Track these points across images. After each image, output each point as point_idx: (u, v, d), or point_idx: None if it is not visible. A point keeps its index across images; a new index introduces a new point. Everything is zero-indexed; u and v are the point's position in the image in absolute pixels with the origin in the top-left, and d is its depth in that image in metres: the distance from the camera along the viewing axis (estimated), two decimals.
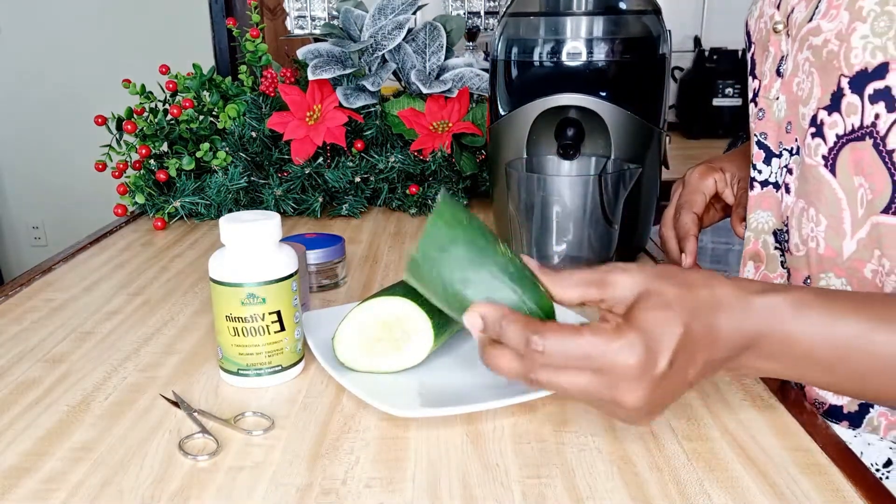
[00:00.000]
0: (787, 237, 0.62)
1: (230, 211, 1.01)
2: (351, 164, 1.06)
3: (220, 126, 1.10)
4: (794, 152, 0.60)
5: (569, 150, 0.77)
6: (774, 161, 0.63)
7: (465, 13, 1.89)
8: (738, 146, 0.80)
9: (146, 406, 0.54)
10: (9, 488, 0.44)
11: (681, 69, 2.38)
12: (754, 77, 0.66)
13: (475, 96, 1.13)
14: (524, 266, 0.45)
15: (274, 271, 0.54)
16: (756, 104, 0.65)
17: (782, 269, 0.65)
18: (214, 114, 1.12)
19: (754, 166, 0.66)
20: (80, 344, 0.65)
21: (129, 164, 1.08)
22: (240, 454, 0.47)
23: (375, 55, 1.11)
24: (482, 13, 1.91)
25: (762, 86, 0.64)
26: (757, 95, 0.65)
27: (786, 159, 0.61)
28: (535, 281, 0.45)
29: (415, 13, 1.11)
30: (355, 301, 0.70)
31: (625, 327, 0.40)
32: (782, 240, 0.64)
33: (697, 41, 2.40)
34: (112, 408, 0.53)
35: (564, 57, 0.77)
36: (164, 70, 1.12)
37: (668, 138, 0.85)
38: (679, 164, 0.83)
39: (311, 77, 1.05)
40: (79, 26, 2.72)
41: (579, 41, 0.77)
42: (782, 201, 0.62)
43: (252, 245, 0.54)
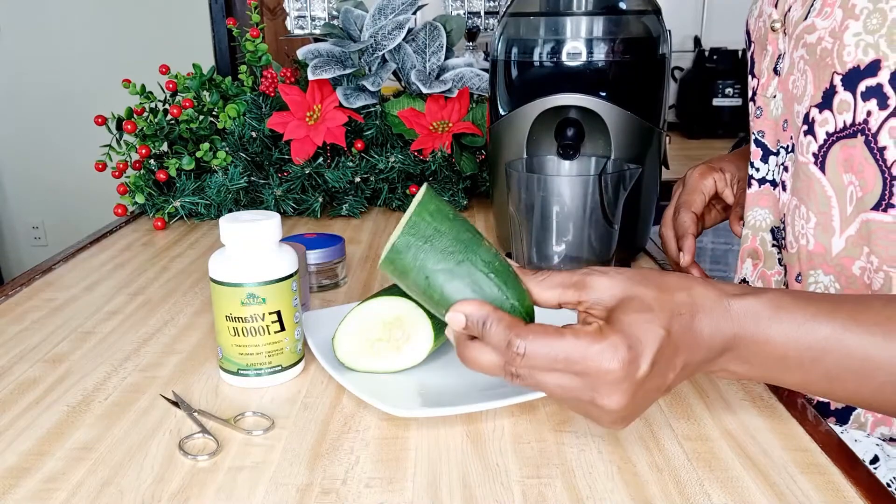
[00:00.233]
0: (784, 234, 0.62)
1: (230, 211, 1.01)
2: (351, 164, 1.06)
3: (220, 126, 1.11)
4: (790, 150, 0.60)
5: (569, 150, 0.77)
6: (772, 159, 0.64)
7: (465, 13, 1.90)
8: (742, 146, 0.80)
9: (146, 406, 0.54)
10: (9, 488, 0.44)
11: (681, 69, 2.38)
12: (753, 76, 0.66)
13: (475, 96, 1.13)
14: (507, 263, 0.45)
15: (274, 271, 0.54)
16: (755, 102, 0.66)
17: (779, 266, 0.66)
18: (214, 114, 1.12)
19: (752, 164, 0.66)
20: (80, 344, 0.65)
21: (129, 164, 1.08)
22: (240, 454, 0.47)
23: (375, 55, 1.11)
24: (482, 13, 1.91)
25: (760, 84, 0.64)
26: (755, 94, 0.65)
27: (783, 157, 0.62)
28: (517, 278, 0.45)
29: (415, 13, 1.11)
30: (355, 301, 0.71)
31: (607, 330, 0.40)
32: (779, 237, 0.64)
33: (697, 41, 2.40)
34: (112, 408, 0.54)
35: (564, 57, 0.77)
36: (164, 70, 1.12)
37: (668, 138, 0.85)
38: (679, 164, 0.84)
39: (311, 77, 1.05)
40: (79, 26, 2.72)
41: (579, 41, 0.77)
42: (780, 199, 0.63)
43: (252, 245, 0.54)
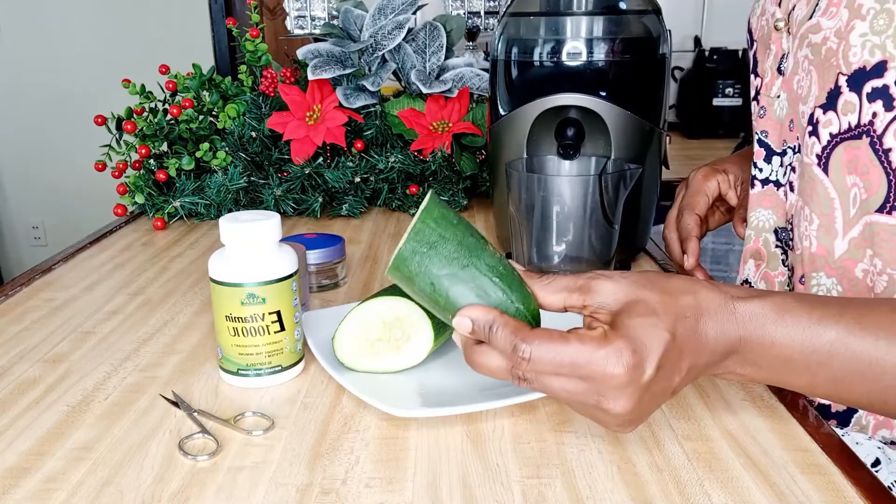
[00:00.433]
0: (791, 235, 0.62)
1: (230, 211, 1.01)
2: (351, 164, 1.06)
3: (219, 126, 1.10)
4: (797, 150, 0.60)
5: (569, 150, 0.77)
6: (776, 159, 0.63)
7: (465, 13, 1.89)
8: (745, 147, 0.80)
9: (146, 406, 0.54)
10: (9, 488, 0.44)
11: (681, 69, 2.38)
12: (756, 75, 0.66)
13: (475, 96, 1.13)
14: (512, 267, 0.46)
15: (274, 271, 0.54)
16: (758, 102, 0.65)
17: (783, 267, 0.65)
18: (214, 114, 1.12)
19: (755, 164, 0.66)
20: (80, 344, 0.65)
21: (128, 163, 1.08)
22: (240, 454, 0.47)
23: (375, 55, 1.11)
24: (482, 13, 1.91)
25: (763, 84, 0.64)
26: (759, 94, 0.65)
27: (790, 157, 0.61)
28: (523, 283, 0.45)
29: (415, 13, 1.11)
30: (355, 301, 0.70)
31: (612, 335, 0.40)
32: (785, 238, 0.64)
33: (697, 41, 2.40)
34: (112, 408, 0.53)
35: (564, 57, 0.77)
36: (164, 70, 1.12)
37: (668, 138, 0.84)
38: (679, 164, 0.84)
39: (311, 77, 1.05)
40: (79, 26, 2.72)
41: (579, 41, 0.77)
42: (786, 200, 0.62)
43: (252, 245, 0.54)
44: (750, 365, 0.43)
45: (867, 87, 0.50)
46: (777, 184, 0.64)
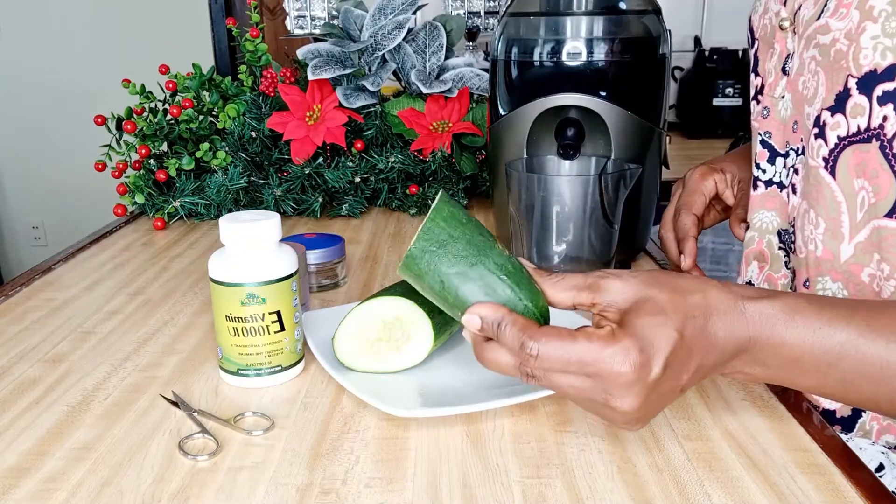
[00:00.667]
0: (792, 238, 0.62)
1: (230, 211, 1.01)
2: (351, 164, 1.06)
3: (219, 126, 1.10)
4: (800, 152, 0.59)
5: (569, 150, 0.77)
6: (779, 160, 0.63)
7: (465, 13, 1.89)
8: (740, 146, 0.80)
9: (146, 406, 0.54)
10: (9, 488, 0.44)
11: (681, 69, 2.38)
12: (756, 74, 0.65)
13: (475, 96, 1.13)
14: (522, 266, 0.46)
15: (274, 271, 0.54)
16: (758, 102, 0.65)
17: (786, 269, 0.65)
18: (214, 114, 1.12)
19: (758, 165, 0.65)
20: (80, 344, 0.65)
21: (128, 163, 1.07)
22: (240, 454, 0.47)
23: (375, 55, 1.11)
24: (482, 13, 1.91)
25: (767, 84, 0.63)
26: (760, 93, 0.64)
27: (792, 159, 0.61)
28: (531, 280, 0.46)
29: (415, 13, 1.11)
30: (355, 301, 0.70)
31: (619, 333, 0.41)
32: (787, 240, 0.63)
33: (697, 41, 2.40)
34: (112, 408, 0.53)
35: (564, 57, 0.77)
36: (164, 70, 1.12)
37: (668, 138, 0.84)
38: (679, 164, 0.83)
39: (310, 77, 1.05)
40: (79, 26, 2.72)
41: (579, 41, 0.77)
42: (789, 202, 0.62)
43: (252, 245, 0.54)
44: (759, 365, 0.43)
45: (878, 91, 0.50)
46: (780, 185, 0.63)
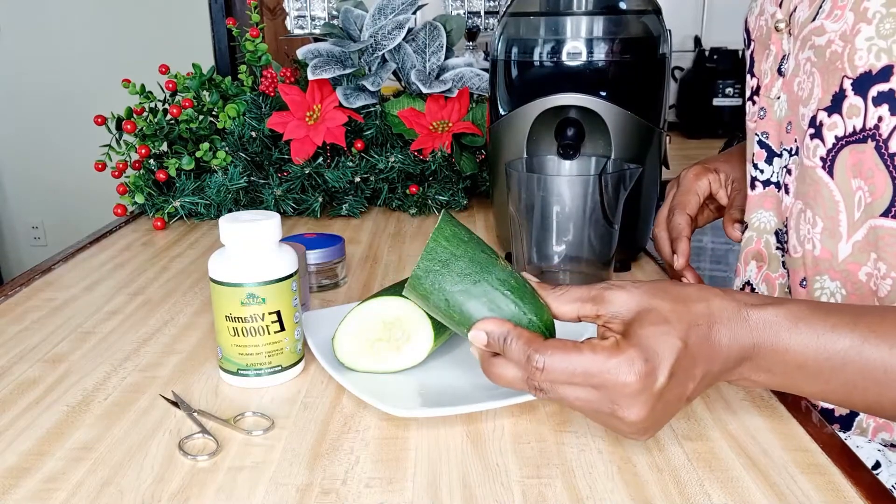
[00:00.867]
0: (787, 238, 0.62)
1: (230, 211, 1.01)
2: (351, 164, 1.06)
3: (219, 126, 1.10)
4: (794, 153, 0.60)
5: (569, 150, 0.77)
6: (776, 161, 0.63)
7: (465, 13, 1.90)
8: (733, 145, 0.80)
9: (146, 406, 0.54)
10: (9, 488, 0.44)
11: (681, 69, 2.38)
12: (752, 75, 0.66)
13: (475, 96, 1.13)
14: (525, 280, 0.47)
15: (274, 271, 0.54)
16: (754, 102, 0.65)
17: (783, 269, 0.65)
18: (214, 114, 1.12)
19: (756, 165, 0.65)
20: (80, 344, 0.65)
21: (128, 163, 1.08)
22: (240, 454, 0.47)
23: (375, 55, 1.11)
24: (482, 13, 1.91)
25: (763, 85, 0.64)
26: (756, 94, 0.65)
27: (786, 159, 0.61)
28: (535, 294, 0.46)
29: (415, 13, 1.11)
30: (355, 301, 0.70)
31: (623, 344, 0.41)
32: (783, 240, 0.64)
33: (697, 41, 2.40)
34: (112, 408, 0.53)
35: (564, 57, 0.77)
36: (164, 70, 1.12)
37: (668, 138, 0.84)
38: (679, 164, 0.84)
39: (310, 77, 1.05)
40: (79, 26, 2.72)
41: (579, 41, 0.77)
42: (783, 202, 0.62)
43: (252, 245, 0.54)
44: (763, 372, 0.43)
45: (873, 91, 0.50)
46: (777, 185, 0.64)
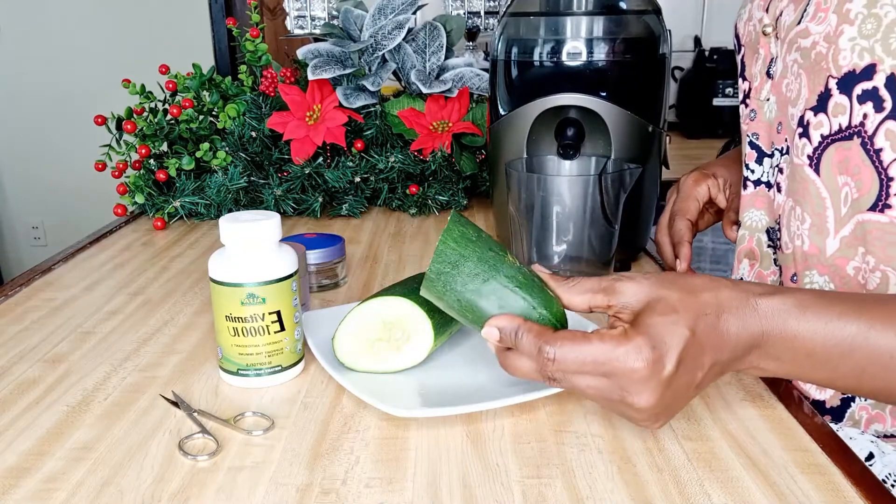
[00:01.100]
0: (778, 235, 0.63)
1: (230, 211, 1.01)
2: (351, 164, 1.06)
3: (219, 126, 1.10)
4: (784, 152, 0.61)
5: (569, 150, 0.77)
6: (766, 161, 0.64)
7: (465, 13, 1.90)
8: (730, 149, 0.81)
9: (146, 406, 0.54)
10: (9, 488, 0.44)
11: (681, 69, 2.38)
12: (744, 79, 0.67)
13: (475, 96, 1.13)
14: (533, 275, 0.48)
15: (274, 271, 0.54)
16: (747, 105, 0.66)
17: (775, 266, 0.66)
18: (214, 114, 1.12)
19: (747, 166, 0.67)
20: (80, 344, 0.65)
21: (128, 163, 1.08)
22: (240, 454, 0.47)
23: (375, 55, 1.11)
24: (482, 13, 1.91)
25: (753, 87, 0.65)
26: (748, 97, 0.66)
27: (777, 159, 0.63)
28: (543, 288, 0.47)
29: (415, 13, 1.11)
30: (355, 301, 0.71)
31: (631, 332, 0.42)
32: (774, 238, 0.65)
33: (697, 41, 2.40)
34: (112, 408, 0.53)
35: (564, 57, 0.77)
36: (164, 70, 1.12)
37: (668, 138, 0.85)
38: (679, 164, 0.84)
39: (311, 77, 1.05)
40: (78, 26, 2.72)
41: (579, 41, 0.77)
42: (774, 200, 0.64)
43: (252, 245, 0.54)
44: (772, 359, 0.44)
45: (857, 90, 0.51)
46: (768, 185, 0.65)
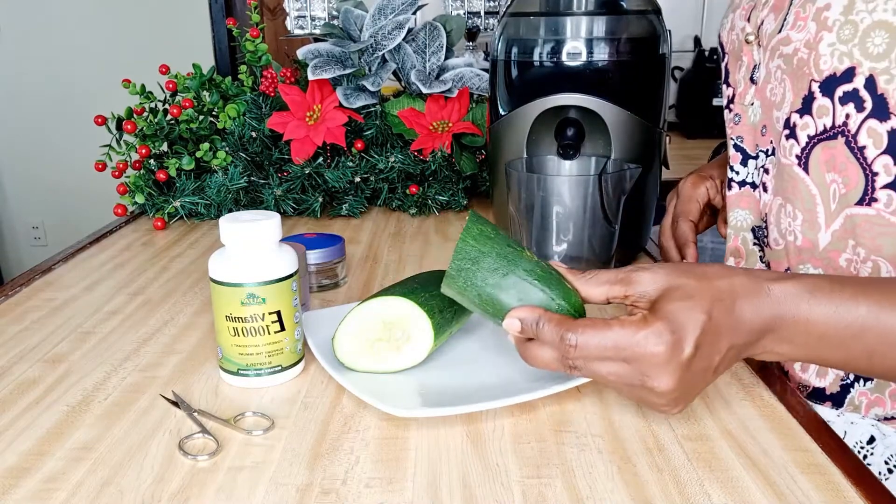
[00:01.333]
0: (766, 233, 0.65)
1: (230, 211, 1.01)
2: (351, 164, 1.06)
3: (219, 126, 1.10)
4: (770, 153, 0.63)
5: (569, 150, 0.77)
6: (751, 162, 0.67)
7: (465, 13, 1.90)
8: (722, 152, 0.83)
9: (146, 406, 0.54)
10: (9, 488, 0.44)
11: (681, 69, 2.39)
12: (728, 85, 0.69)
13: (475, 96, 1.13)
14: (551, 268, 0.50)
15: (274, 271, 0.54)
16: (731, 110, 0.69)
17: (761, 263, 0.68)
18: (214, 114, 1.12)
19: (731, 167, 0.69)
20: (80, 344, 0.65)
21: (128, 163, 1.07)
22: (240, 454, 0.47)
23: (375, 55, 1.11)
24: (482, 13, 1.91)
25: (737, 93, 0.67)
26: (732, 102, 0.69)
27: (762, 160, 0.65)
28: (561, 281, 0.49)
29: (415, 13, 1.11)
30: (355, 301, 0.71)
31: (651, 318, 0.44)
32: (760, 236, 0.67)
33: (697, 41, 2.40)
34: (112, 408, 0.53)
35: (564, 57, 0.77)
36: (164, 70, 1.12)
37: (668, 138, 0.85)
38: (679, 164, 0.84)
39: (311, 77, 1.05)
40: (78, 26, 2.72)
41: (579, 41, 0.77)
42: (760, 199, 0.65)
43: (252, 245, 0.54)
44: (786, 343, 0.46)
45: (839, 92, 0.54)
46: (752, 185, 0.67)
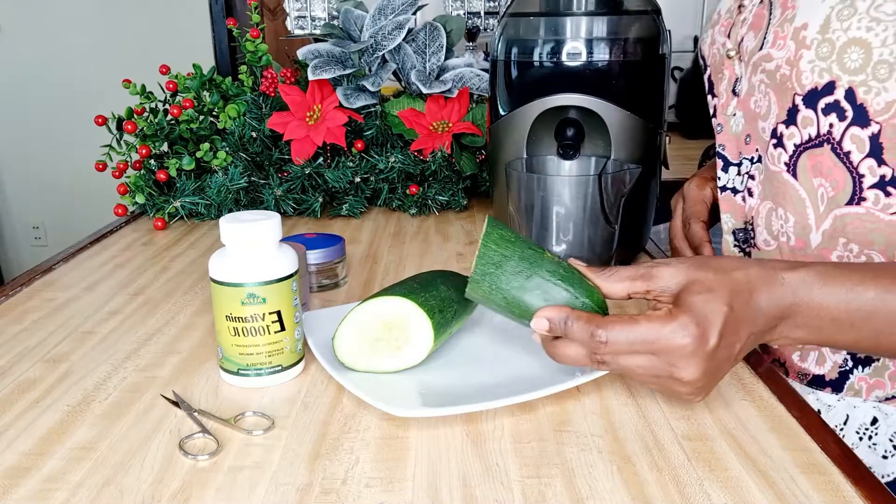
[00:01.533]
0: (752, 235, 0.68)
1: (230, 211, 1.01)
2: (351, 164, 1.06)
3: (220, 126, 1.10)
4: (756, 160, 0.66)
5: (569, 150, 0.77)
6: (731, 169, 0.70)
7: (465, 13, 1.90)
8: (710, 154, 0.84)
9: (146, 406, 0.54)
10: (9, 488, 0.44)
11: (681, 69, 2.39)
12: (714, 95, 0.72)
13: (475, 96, 1.13)
14: (572, 267, 0.51)
15: (274, 271, 0.54)
16: (716, 119, 0.71)
17: None
18: (214, 114, 1.12)
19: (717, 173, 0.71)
20: (80, 344, 0.65)
21: (129, 164, 1.08)
22: (240, 454, 0.47)
23: (375, 55, 1.11)
24: (482, 13, 1.91)
25: (720, 104, 0.70)
26: (716, 112, 0.71)
27: (746, 167, 0.68)
28: (583, 279, 0.50)
29: (415, 13, 1.11)
30: (355, 301, 0.71)
31: (676, 312, 0.46)
32: (741, 238, 0.70)
33: (697, 41, 2.40)
34: (112, 408, 0.54)
35: (564, 57, 0.77)
36: (164, 70, 1.12)
37: (668, 138, 0.85)
38: (679, 164, 0.84)
39: (311, 77, 1.05)
40: (79, 26, 2.73)
41: (579, 41, 0.77)
42: (745, 204, 0.69)
43: (252, 245, 0.54)
44: (801, 328, 0.49)
45: (821, 104, 0.57)
46: (734, 190, 0.70)
